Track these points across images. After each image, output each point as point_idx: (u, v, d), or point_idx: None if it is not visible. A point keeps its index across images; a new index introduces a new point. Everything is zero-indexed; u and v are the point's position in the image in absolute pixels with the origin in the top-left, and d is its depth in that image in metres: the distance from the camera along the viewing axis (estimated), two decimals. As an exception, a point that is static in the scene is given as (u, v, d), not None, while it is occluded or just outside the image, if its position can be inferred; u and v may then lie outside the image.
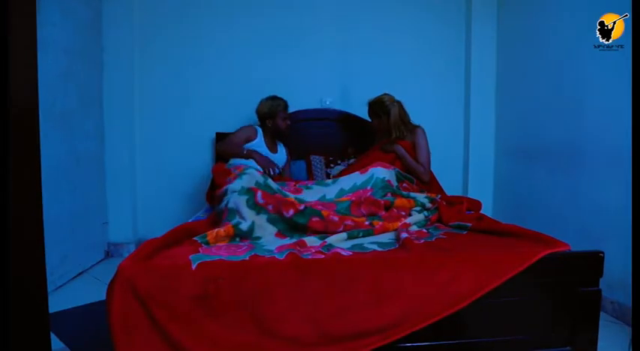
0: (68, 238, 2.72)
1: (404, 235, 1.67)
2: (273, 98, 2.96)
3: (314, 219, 1.85)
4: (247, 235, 1.76)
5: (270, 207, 1.88)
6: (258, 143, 2.89)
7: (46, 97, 1.95)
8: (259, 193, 1.92)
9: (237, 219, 1.81)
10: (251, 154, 2.77)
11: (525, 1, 3.25)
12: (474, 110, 3.62)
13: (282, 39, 3.50)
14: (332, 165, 3.13)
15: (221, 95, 3.34)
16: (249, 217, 1.81)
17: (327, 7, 3.54)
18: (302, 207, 1.89)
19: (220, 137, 3.18)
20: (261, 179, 2.09)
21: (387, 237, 1.77)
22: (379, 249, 1.58)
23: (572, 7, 2.74)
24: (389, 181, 2.34)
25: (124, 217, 3.37)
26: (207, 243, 1.63)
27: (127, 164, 3.36)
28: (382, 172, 2.35)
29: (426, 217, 2.02)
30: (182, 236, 1.65)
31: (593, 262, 1.56)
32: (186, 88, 3.45)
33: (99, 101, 3.22)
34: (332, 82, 3.58)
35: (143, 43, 3.41)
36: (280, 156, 3.00)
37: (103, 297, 1.39)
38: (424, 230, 1.89)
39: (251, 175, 2.12)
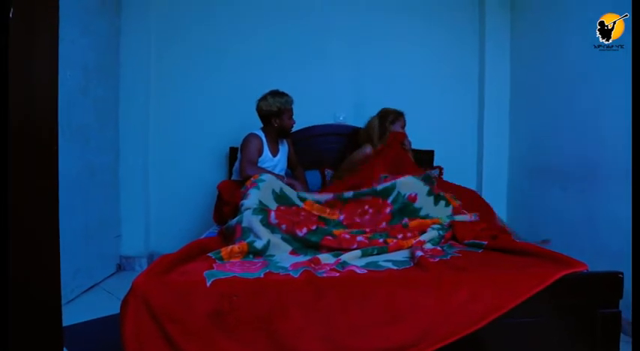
0: (81, 250, 2.74)
1: (419, 253, 1.65)
2: (280, 94, 2.73)
3: (327, 237, 1.85)
4: (261, 253, 1.75)
5: (283, 227, 1.89)
6: (265, 154, 2.76)
7: (63, 111, 1.97)
8: (273, 214, 1.94)
9: (252, 237, 1.81)
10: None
11: (538, 16, 3.26)
12: (487, 126, 3.61)
13: (297, 54, 3.53)
14: (345, 180, 3.13)
15: (236, 110, 3.36)
16: (264, 236, 1.81)
17: (341, 24, 3.57)
18: (314, 227, 1.90)
19: (234, 151, 3.20)
20: (277, 186, 2.10)
21: (401, 255, 1.76)
22: (394, 267, 1.57)
23: (588, 21, 2.73)
24: (412, 197, 2.28)
25: (137, 230, 3.39)
26: (221, 259, 1.63)
27: (140, 178, 3.39)
28: (407, 187, 2.29)
29: (440, 234, 2.00)
30: (196, 252, 1.65)
31: (612, 282, 1.53)
32: (201, 102, 3.49)
33: (115, 115, 3.26)
34: (345, 98, 3.59)
35: (159, 58, 3.46)
36: (281, 158, 2.88)
37: (115, 311, 1.39)
38: (439, 248, 1.87)
39: (269, 181, 2.13)
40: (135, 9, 3.32)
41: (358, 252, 1.74)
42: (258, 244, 1.75)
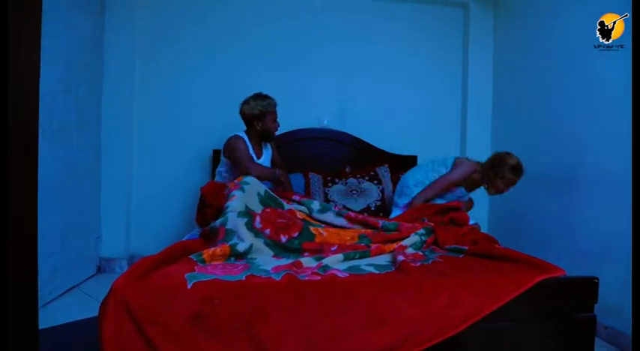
0: (59, 251, 2.69)
1: (400, 257, 1.67)
2: (263, 97, 2.69)
3: (308, 242, 1.88)
4: (243, 256, 1.75)
5: (267, 232, 1.89)
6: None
7: (45, 109, 1.95)
8: (258, 218, 1.94)
9: (235, 240, 1.80)
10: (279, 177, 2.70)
11: (520, 26, 3.32)
12: (470, 131, 3.67)
13: (282, 58, 3.55)
14: (330, 184, 3.13)
15: (220, 112, 3.35)
16: (247, 239, 1.80)
17: (327, 29, 3.60)
18: (295, 234, 1.91)
19: (217, 154, 3.18)
20: (262, 189, 2.10)
21: (383, 259, 1.77)
22: (376, 271, 1.58)
23: (569, 30, 2.79)
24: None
25: (118, 232, 3.34)
26: (202, 261, 1.62)
27: (123, 179, 3.35)
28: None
29: (421, 239, 2.02)
30: (178, 254, 1.64)
31: (588, 287, 1.58)
32: (186, 104, 3.47)
33: (97, 115, 3.22)
34: (330, 102, 3.62)
35: (144, 57, 3.43)
36: (264, 161, 2.83)
37: (94, 313, 1.36)
38: (420, 253, 1.89)
39: (253, 184, 2.12)
40: (120, 7, 3.28)
41: (340, 256, 1.75)
42: (241, 248, 1.75)
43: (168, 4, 3.46)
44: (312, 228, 2.00)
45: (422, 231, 2.06)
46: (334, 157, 3.39)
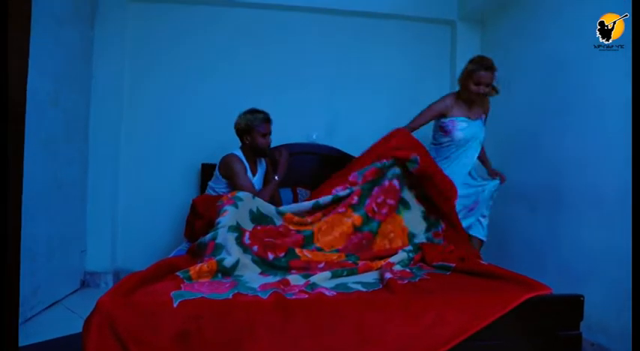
0: (43, 265, 2.64)
1: (387, 275, 1.67)
2: (252, 112, 2.67)
3: (294, 260, 1.88)
4: (230, 272, 1.74)
5: (255, 248, 1.89)
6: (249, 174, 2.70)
7: (31, 121, 1.93)
8: (247, 234, 1.93)
9: (223, 254, 1.79)
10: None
11: (506, 44, 3.39)
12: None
13: (271, 74, 3.57)
14: (317, 199, 3.13)
15: (209, 127, 3.36)
16: (235, 254, 1.80)
17: (316, 47, 3.65)
18: (282, 254, 1.92)
19: (206, 168, 3.18)
20: (254, 206, 2.09)
21: (370, 277, 1.77)
22: (363, 289, 1.58)
23: (550, 47, 2.85)
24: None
25: (103, 245, 3.30)
26: (189, 278, 1.61)
27: (109, 192, 3.32)
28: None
29: (409, 256, 2.03)
30: (164, 271, 1.63)
31: (573, 305, 1.59)
32: (175, 118, 3.47)
33: (85, 128, 3.20)
34: (319, 118, 3.64)
35: (133, 71, 3.43)
36: (258, 178, 2.81)
37: (77, 330, 1.35)
38: (407, 270, 1.90)
39: (246, 200, 2.11)
40: (110, 21, 3.29)
41: (328, 273, 1.75)
42: (228, 263, 1.74)
43: (158, 19, 3.47)
44: (297, 250, 1.99)
45: (409, 248, 2.07)
46: (323, 172, 3.39)
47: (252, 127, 2.64)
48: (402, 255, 2.00)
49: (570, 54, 2.70)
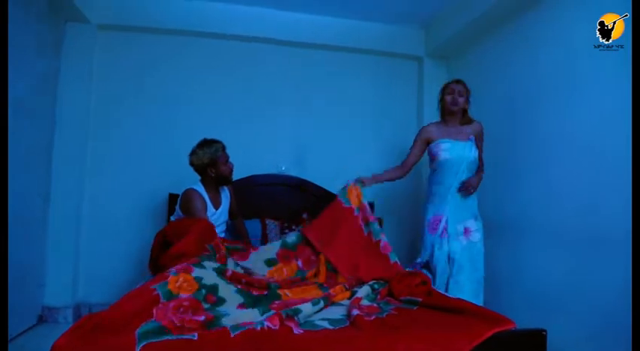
0: (-3, 301, 2.51)
1: (355, 311, 1.66)
2: (209, 144, 2.66)
3: (276, 302, 1.87)
4: (213, 292, 1.73)
5: (238, 286, 1.90)
6: (208, 207, 2.65)
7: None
8: (230, 271, 1.97)
9: (198, 273, 1.79)
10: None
11: (471, 78, 3.46)
12: (425, 177, 3.76)
13: (240, 104, 3.61)
14: (287, 230, 3.12)
15: (176, 157, 3.30)
16: (216, 281, 1.81)
17: (285, 79, 3.71)
18: (266, 292, 1.93)
19: (173, 198, 3.13)
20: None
21: (338, 313, 1.76)
22: (330, 327, 1.57)
23: (510, 80, 2.98)
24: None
25: (64, 279, 3.17)
26: (168, 293, 1.56)
27: (72, 224, 3.22)
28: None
29: (375, 290, 2.04)
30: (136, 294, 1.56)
31: (536, 339, 1.62)
32: (142, 147, 3.43)
33: (47, 158, 3.12)
34: (288, 149, 3.67)
35: (100, 100, 3.40)
36: (223, 209, 2.78)
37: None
38: (375, 305, 1.90)
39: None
40: (76, 51, 3.27)
41: (309, 304, 1.73)
42: (207, 281, 1.75)
43: (126, 47, 3.48)
44: (279, 290, 2.00)
45: (373, 281, 2.09)
46: (292, 203, 3.40)
47: (216, 158, 2.64)
48: (366, 289, 2.03)
49: (530, 88, 2.84)
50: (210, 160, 2.63)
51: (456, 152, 2.67)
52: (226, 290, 1.81)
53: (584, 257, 2.37)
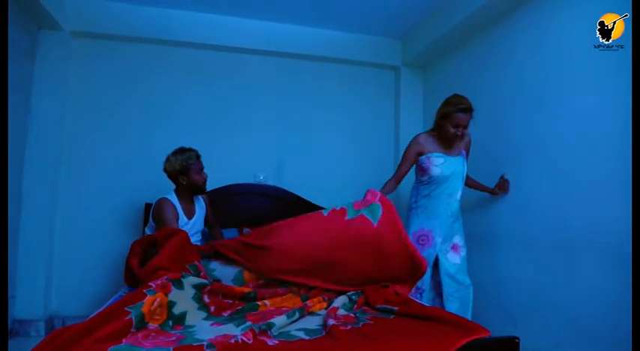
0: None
1: (331, 321, 1.67)
2: (182, 151, 2.64)
3: (253, 312, 1.87)
4: (180, 321, 1.70)
5: (212, 309, 1.89)
6: (180, 218, 2.61)
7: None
8: (206, 296, 1.93)
9: (175, 292, 1.77)
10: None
11: (448, 86, 3.53)
12: (403, 187, 3.80)
13: (218, 114, 3.60)
14: (263, 239, 3.10)
15: (153, 167, 3.28)
16: (187, 308, 1.78)
17: (262, 89, 3.72)
18: (239, 307, 1.93)
19: (149, 207, 3.08)
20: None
21: (314, 323, 1.76)
22: (306, 337, 1.56)
23: (486, 89, 3.04)
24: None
25: (36, 291, 3.09)
26: (141, 316, 1.54)
27: (44, 233, 3.15)
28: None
29: (351, 299, 2.05)
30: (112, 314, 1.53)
31: (509, 347, 1.64)
32: (118, 157, 3.39)
33: (19, 167, 3.05)
34: (266, 158, 3.67)
35: (75, 108, 3.34)
36: (197, 218, 2.74)
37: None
38: (351, 314, 1.90)
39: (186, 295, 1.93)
40: (51, 57, 3.22)
41: (284, 317, 1.73)
42: (176, 310, 1.72)
43: (103, 56, 3.44)
44: (257, 300, 2.00)
45: (351, 292, 2.10)
46: (270, 212, 3.39)
47: (189, 166, 2.61)
48: (343, 299, 2.03)
49: (504, 96, 2.90)
50: (182, 167, 2.60)
51: (448, 168, 2.63)
52: (195, 317, 1.79)
53: (554, 267, 2.42)
